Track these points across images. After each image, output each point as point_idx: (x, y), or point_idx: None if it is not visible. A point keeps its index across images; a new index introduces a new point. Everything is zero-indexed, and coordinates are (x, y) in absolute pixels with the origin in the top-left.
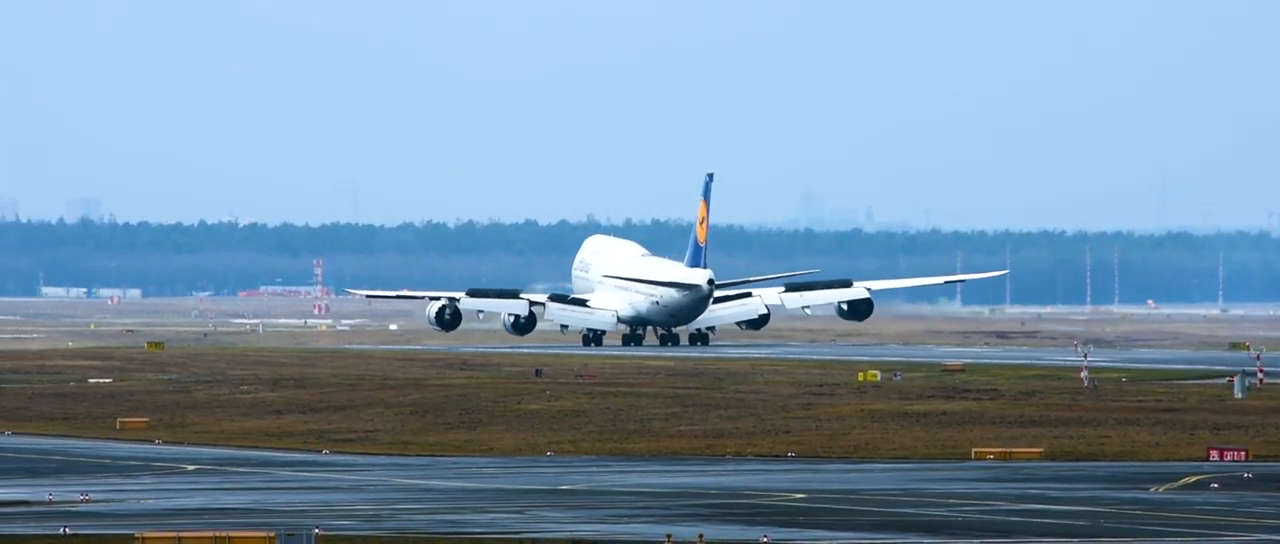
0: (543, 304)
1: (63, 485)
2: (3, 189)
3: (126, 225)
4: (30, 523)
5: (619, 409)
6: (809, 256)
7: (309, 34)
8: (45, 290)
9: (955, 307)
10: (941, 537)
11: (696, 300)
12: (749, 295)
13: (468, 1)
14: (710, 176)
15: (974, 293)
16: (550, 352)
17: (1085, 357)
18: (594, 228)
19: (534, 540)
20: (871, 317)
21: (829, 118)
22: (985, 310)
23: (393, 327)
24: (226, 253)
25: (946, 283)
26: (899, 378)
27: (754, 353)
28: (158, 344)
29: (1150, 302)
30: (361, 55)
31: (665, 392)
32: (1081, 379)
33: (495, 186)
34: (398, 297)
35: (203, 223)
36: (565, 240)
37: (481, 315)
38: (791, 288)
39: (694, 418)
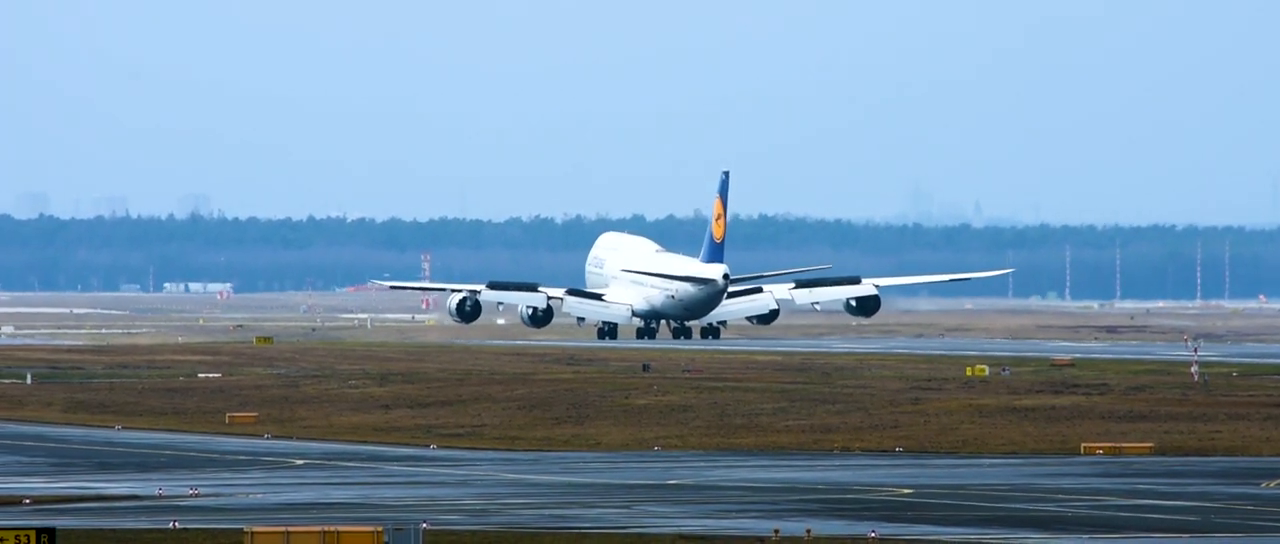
0: (560, 298)
1: (172, 480)
2: (114, 186)
3: (235, 221)
4: (140, 517)
5: (726, 404)
6: (917, 251)
7: (416, 30)
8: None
9: (1064, 301)
10: (1050, 532)
11: (712, 294)
12: (759, 291)
13: None
14: (726, 174)
15: (1083, 287)
16: (652, 347)
17: (1195, 351)
18: (701, 223)
19: (640, 536)
20: (987, 311)
21: (939, 111)
22: (1094, 305)
23: (500, 321)
24: (334, 248)
25: (953, 280)
26: (1007, 373)
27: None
28: (266, 339)
29: (1261, 297)
30: (469, 51)
31: (772, 386)
32: (1192, 374)
33: (602, 182)
34: (421, 288)
35: (311, 218)
36: (672, 234)
37: (501, 308)
38: (801, 284)
39: (801, 412)
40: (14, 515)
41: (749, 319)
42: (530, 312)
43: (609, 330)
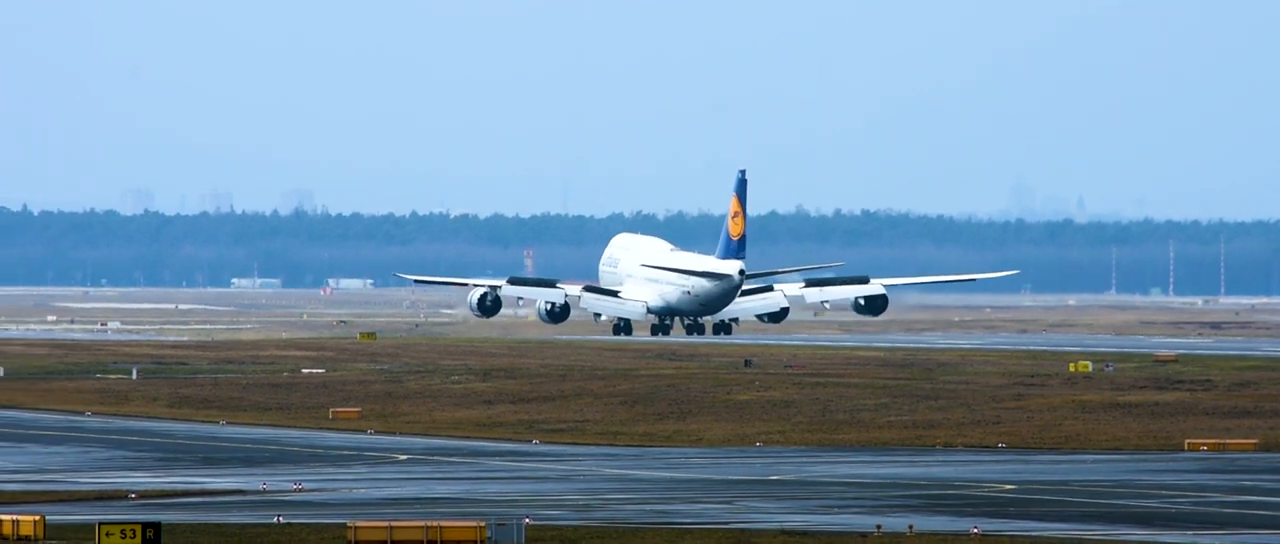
0: (578, 294)
1: (276, 475)
2: (220, 182)
3: (339, 217)
4: (245, 512)
5: (828, 400)
6: (1019, 247)
7: (521, 28)
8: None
9: (1168, 297)
10: (1154, 528)
11: (727, 290)
12: (770, 289)
13: None
14: (743, 173)
15: (1186, 283)
16: (754, 343)
17: None
18: (804, 219)
19: (743, 531)
20: (1090, 308)
21: (1042, 106)
22: (1198, 301)
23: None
24: (437, 244)
25: (958, 281)
26: (1111, 369)
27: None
28: (370, 335)
29: None
30: (574, 49)
31: (874, 382)
32: None
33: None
34: (445, 282)
35: (414, 214)
36: (774, 230)
37: (521, 303)
38: (811, 283)
39: (903, 408)
40: (120, 510)
41: (759, 317)
42: (548, 307)
43: (624, 326)
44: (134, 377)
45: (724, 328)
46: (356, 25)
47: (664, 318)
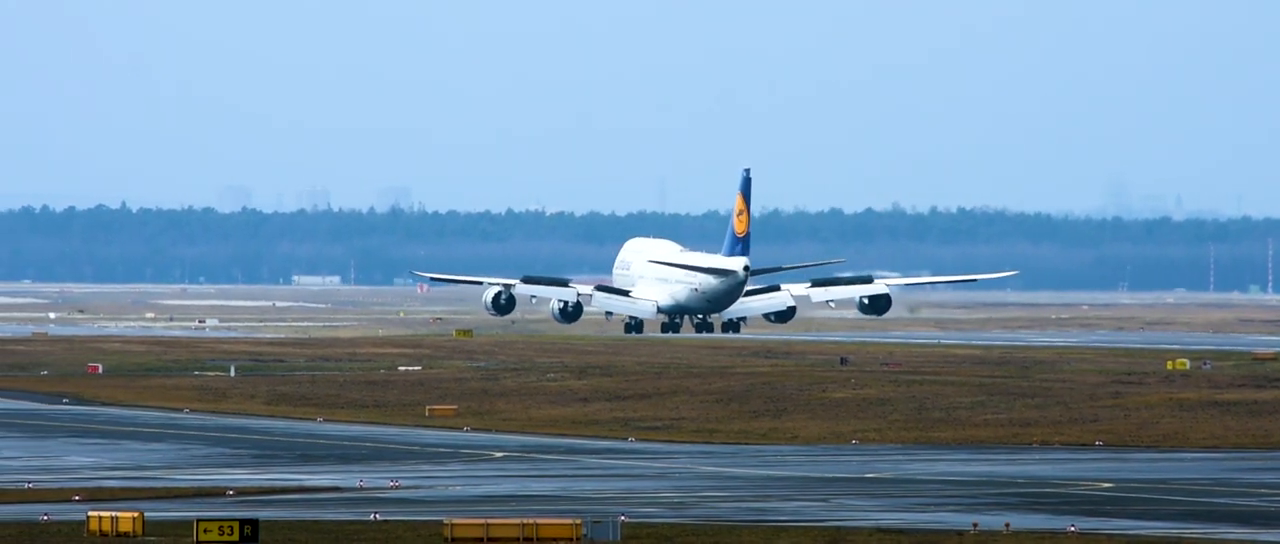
0: (589, 293)
1: (373, 472)
2: (316, 179)
3: (435, 214)
4: (341, 509)
5: (924, 397)
6: (1116, 244)
7: (618, 27)
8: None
9: (1266, 295)
10: (1253, 527)
11: (733, 286)
12: (778, 289)
13: None
14: (748, 171)
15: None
16: (848, 340)
17: None
18: (900, 217)
19: (838, 529)
20: (1174, 303)
21: (1138, 104)
22: None
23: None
24: (533, 241)
25: (960, 281)
26: (1209, 367)
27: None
28: (466, 332)
29: None
30: (672, 47)
31: (970, 380)
32: None
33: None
34: (460, 281)
35: (510, 211)
36: (871, 228)
37: (534, 301)
38: (817, 282)
39: (1000, 406)
40: (218, 506)
41: (767, 316)
42: (561, 306)
43: (635, 325)
44: (232, 374)
45: (733, 326)
46: (454, 25)
47: (674, 316)
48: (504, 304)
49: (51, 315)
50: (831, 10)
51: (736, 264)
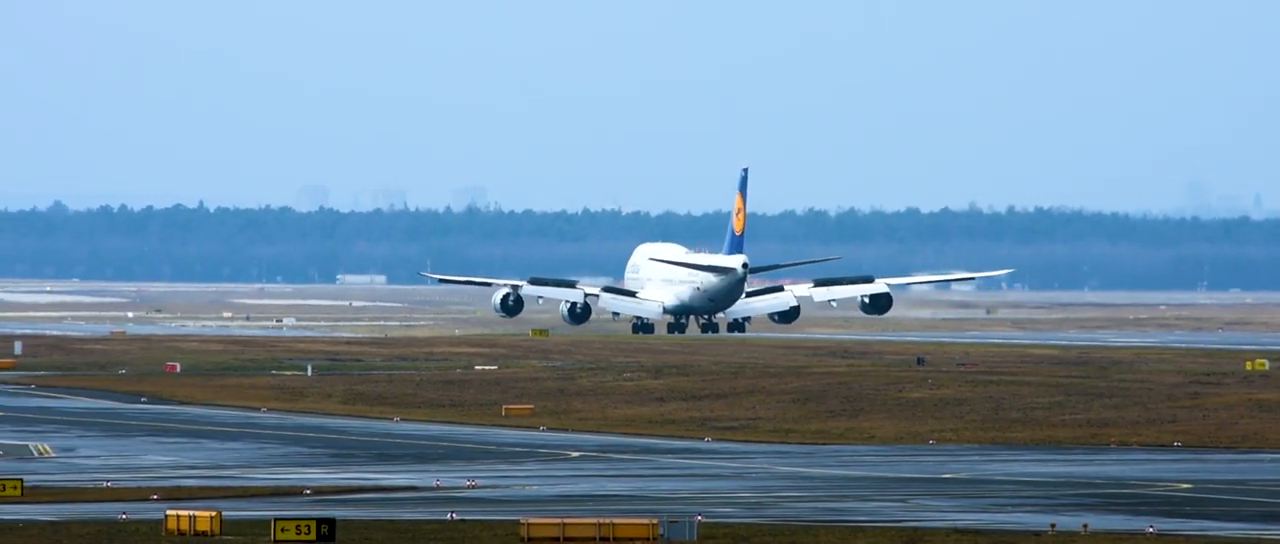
0: (597, 294)
1: (450, 471)
2: (392, 179)
3: (511, 213)
4: (418, 508)
5: (1001, 397)
6: (1194, 244)
7: (695, 27)
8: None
9: None
10: None
11: (733, 283)
12: (781, 289)
13: None
14: (745, 171)
15: None
16: (926, 341)
17: None
18: (977, 216)
19: (915, 529)
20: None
21: (1214, 102)
22: None
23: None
24: (610, 241)
25: (956, 279)
26: None
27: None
28: (542, 331)
29: None
30: (750, 45)
31: (1048, 380)
32: None
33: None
34: (467, 282)
35: (586, 211)
36: (948, 228)
37: (541, 302)
38: (819, 283)
39: (1077, 407)
40: (295, 506)
41: (771, 316)
42: (569, 307)
43: (643, 325)
44: (309, 373)
45: (738, 326)
46: (532, 24)
47: (679, 316)
48: (512, 305)
49: (130, 315)
50: (905, 7)
51: (735, 262)
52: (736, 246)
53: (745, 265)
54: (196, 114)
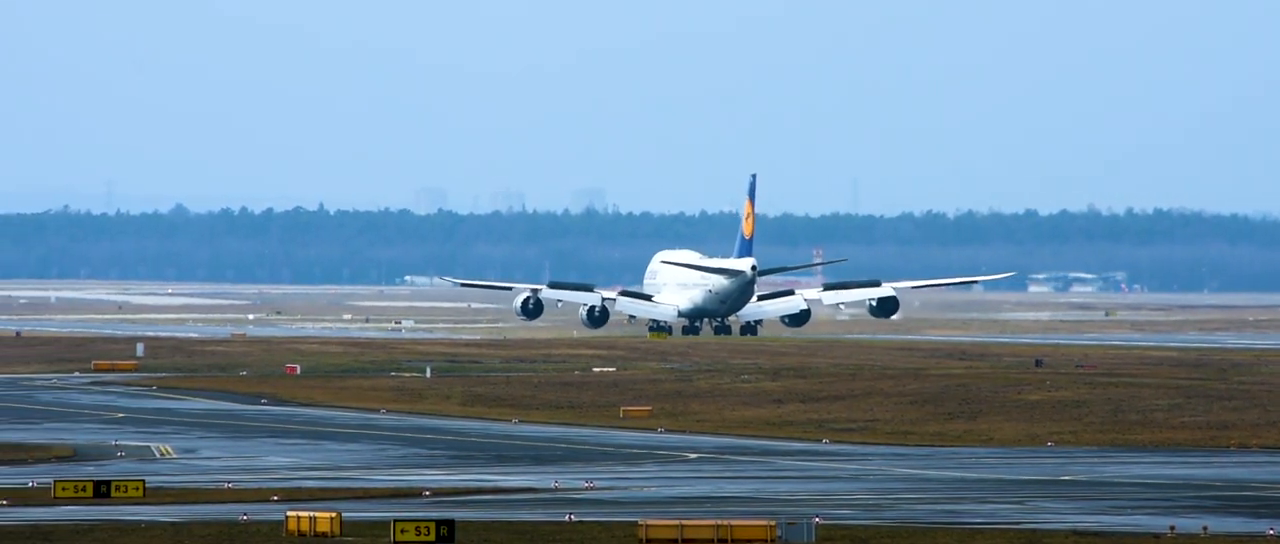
0: (614, 298)
1: (568, 472)
2: (511, 181)
3: (629, 215)
4: (536, 509)
5: (1120, 400)
6: None
7: (810, 25)
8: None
9: None
10: None
11: (743, 285)
12: (792, 293)
13: None
14: (754, 177)
15: None
16: (1046, 342)
17: None
18: (1095, 218)
19: (1034, 532)
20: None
21: None
22: None
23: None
24: (727, 243)
25: (961, 282)
26: None
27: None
28: (661, 333)
29: None
30: (861, 48)
31: (1167, 382)
32: None
33: (995, 175)
34: (488, 286)
35: (703, 213)
36: (1065, 229)
37: (560, 305)
38: (829, 287)
39: (1197, 409)
40: (414, 507)
41: (782, 319)
42: (587, 311)
43: (658, 328)
44: (428, 375)
45: (750, 329)
46: (647, 27)
47: (693, 320)
48: (532, 309)
49: (250, 317)
50: (1030, 8)
51: (744, 265)
52: (746, 250)
53: (754, 267)
54: (318, 117)
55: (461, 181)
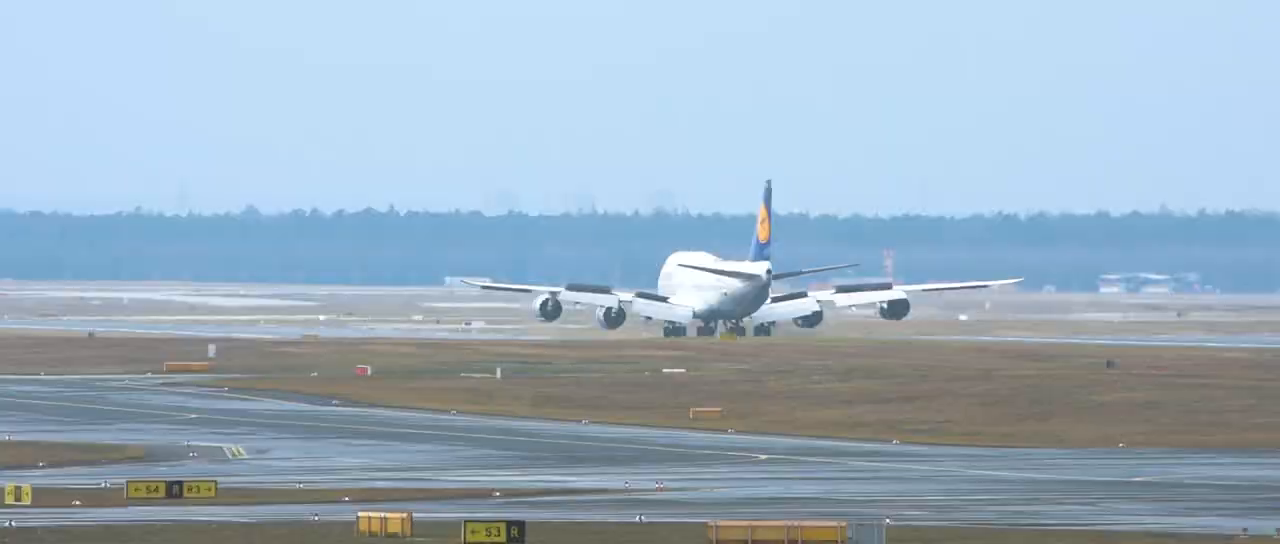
0: (630, 300)
1: (638, 474)
2: (580, 182)
3: (700, 217)
4: (607, 510)
5: (1194, 401)
6: None
7: (876, 21)
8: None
9: None
10: None
11: (758, 288)
12: (804, 295)
13: None
14: (769, 183)
15: None
16: (1116, 344)
17: None
18: (1167, 219)
19: (1106, 534)
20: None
21: None
22: None
23: (962, 317)
24: (796, 245)
25: (971, 287)
26: None
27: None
28: (731, 335)
29: None
30: (933, 46)
31: (1241, 383)
32: None
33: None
34: (511, 289)
35: (772, 213)
36: (1138, 229)
37: (578, 307)
38: (841, 289)
39: (1271, 410)
40: (485, 508)
41: (795, 321)
42: (604, 312)
43: (675, 329)
44: (498, 376)
45: (764, 330)
46: (715, 28)
47: (708, 321)
48: (550, 310)
49: (321, 318)
50: (1096, 7)
51: (759, 268)
52: (761, 253)
53: (769, 271)
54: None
55: (532, 183)
